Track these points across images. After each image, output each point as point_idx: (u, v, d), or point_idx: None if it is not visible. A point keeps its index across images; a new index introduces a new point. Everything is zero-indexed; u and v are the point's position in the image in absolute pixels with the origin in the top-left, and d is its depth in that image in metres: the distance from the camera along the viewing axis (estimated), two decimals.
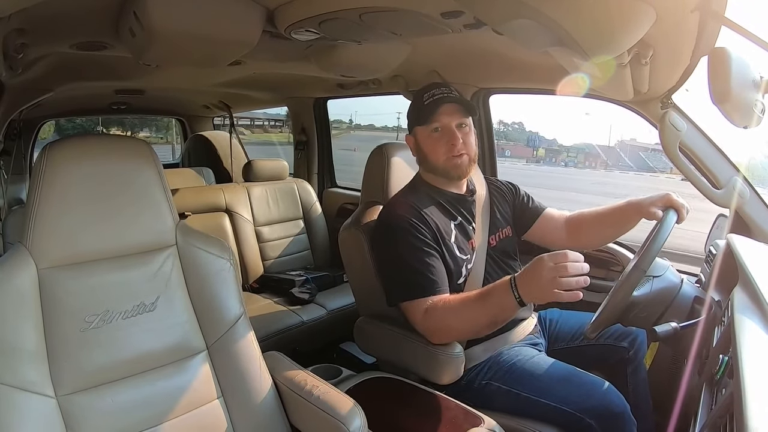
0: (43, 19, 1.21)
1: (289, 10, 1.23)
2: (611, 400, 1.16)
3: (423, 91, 1.35)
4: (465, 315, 1.17)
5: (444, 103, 1.30)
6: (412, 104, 1.39)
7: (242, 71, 2.08)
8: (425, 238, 1.26)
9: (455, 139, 1.30)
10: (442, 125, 1.31)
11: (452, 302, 1.19)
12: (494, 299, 1.11)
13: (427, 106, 1.31)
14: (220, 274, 1.10)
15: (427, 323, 1.21)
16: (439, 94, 1.32)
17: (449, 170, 1.33)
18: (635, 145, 13.13)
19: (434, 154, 1.33)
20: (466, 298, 1.18)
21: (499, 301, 1.10)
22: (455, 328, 1.19)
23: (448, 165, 1.32)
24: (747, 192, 1.35)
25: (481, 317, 1.15)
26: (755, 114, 0.95)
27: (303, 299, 2.17)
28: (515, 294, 1.06)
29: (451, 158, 1.31)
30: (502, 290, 1.09)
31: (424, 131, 1.34)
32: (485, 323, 1.17)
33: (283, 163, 2.74)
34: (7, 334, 0.84)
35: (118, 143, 1.06)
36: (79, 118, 4.84)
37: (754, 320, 0.78)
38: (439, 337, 1.21)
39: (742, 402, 0.58)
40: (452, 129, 1.31)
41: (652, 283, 1.13)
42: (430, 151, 1.33)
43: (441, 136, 1.31)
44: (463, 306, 1.17)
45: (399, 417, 1.17)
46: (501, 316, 1.15)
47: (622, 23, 0.91)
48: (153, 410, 0.97)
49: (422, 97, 1.34)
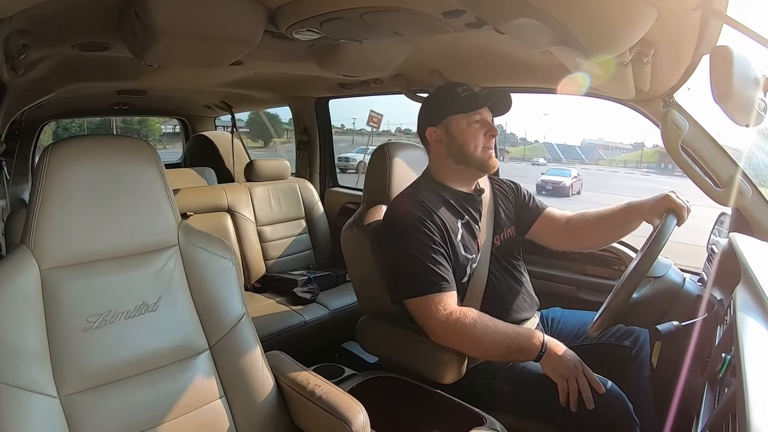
0: (45, 20, 1.21)
1: (290, 9, 1.23)
2: (614, 399, 1.16)
3: (454, 86, 1.38)
4: (488, 341, 1.19)
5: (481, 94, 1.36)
6: (443, 96, 1.40)
7: (244, 71, 2.08)
8: (433, 235, 1.26)
9: (495, 131, 1.36)
10: (482, 118, 1.34)
11: (482, 322, 1.20)
12: (521, 344, 1.19)
13: (466, 98, 1.34)
14: (223, 273, 1.10)
15: (444, 327, 1.20)
16: (473, 90, 1.37)
17: (485, 162, 1.35)
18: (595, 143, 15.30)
19: (473, 143, 1.34)
20: (498, 328, 1.21)
21: (523, 350, 1.19)
22: (471, 344, 1.20)
23: (485, 156, 1.35)
24: (749, 190, 1.35)
25: (498, 350, 1.21)
26: (757, 112, 0.95)
27: (305, 299, 2.18)
28: (541, 352, 1.17)
29: (487, 150, 1.35)
30: (532, 344, 1.18)
31: (463, 120, 1.34)
32: (497, 354, 1.23)
33: (284, 162, 2.74)
34: (9, 335, 0.84)
35: (120, 143, 1.06)
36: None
37: (756, 319, 0.78)
38: (448, 342, 1.21)
39: (745, 401, 0.58)
40: (489, 122, 1.35)
41: (654, 282, 1.13)
42: (469, 140, 1.34)
43: (480, 128, 1.34)
44: (493, 333, 1.19)
45: (401, 416, 1.17)
46: (513, 357, 1.23)
47: (623, 21, 0.91)
48: (155, 410, 0.97)
49: (455, 90, 1.36)
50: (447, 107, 1.37)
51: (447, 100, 1.37)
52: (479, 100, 1.34)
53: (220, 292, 1.09)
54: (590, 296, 1.79)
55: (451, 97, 1.36)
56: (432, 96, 1.45)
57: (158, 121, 12.38)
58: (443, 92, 1.40)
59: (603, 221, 1.43)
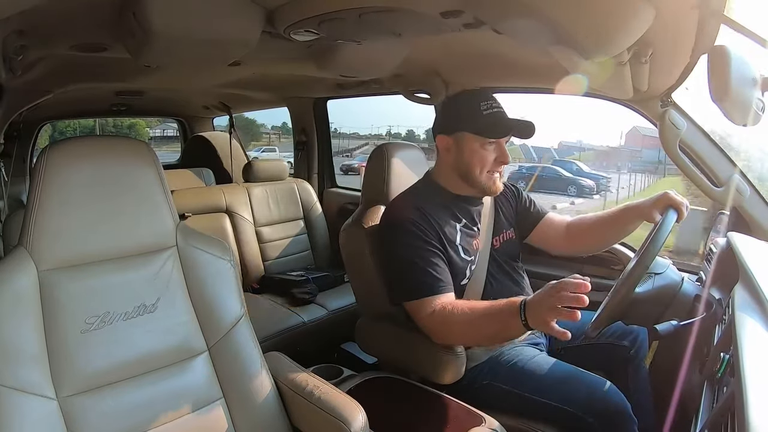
0: (43, 21, 1.21)
1: (288, 10, 1.23)
2: (612, 399, 1.16)
3: (477, 98, 1.32)
4: (470, 324, 1.16)
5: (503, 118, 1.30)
6: (464, 107, 1.34)
7: (242, 72, 2.07)
8: (429, 239, 1.26)
9: (507, 158, 1.31)
10: (498, 142, 1.31)
11: (460, 308, 1.18)
12: (502, 316, 1.10)
13: (486, 117, 1.28)
14: (221, 274, 1.10)
15: (432, 323, 1.21)
16: (497, 108, 1.31)
17: (489, 187, 1.33)
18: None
19: (480, 167, 1.30)
20: (475, 308, 1.17)
21: (506, 320, 1.09)
22: (458, 333, 1.19)
23: (490, 181, 1.32)
24: (747, 190, 1.35)
25: (485, 330, 1.15)
26: (755, 112, 0.95)
27: (304, 299, 2.17)
28: (522, 317, 1.05)
29: (492, 175, 1.32)
30: (511, 311, 1.07)
31: (477, 141, 1.29)
32: (488, 336, 1.17)
33: (283, 163, 2.74)
34: (7, 337, 0.84)
35: (118, 144, 1.06)
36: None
37: (754, 318, 0.78)
38: (442, 338, 1.21)
39: (743, 400, 0.58)
40: (504, 148, 1.31)
41: (653, 281, 1.13)
42: (477, 163, 1.30)
43: (493, 152, 1.30)
44: (471, 315, 1.16)
45: (400, 417, 1.17)
46: (505, 334, 1.15)
47: (621, 21, 0.91)
48: (154, 412, 0.97)
49: (478, 103, 1.30)
50: (464, 122, 1.31)
51: (466, 114, 1.31)
52: (499, 128, 1.29)
53: (219, 293, 1.09)
54: (589, 296, 1.78)
55: (472, 112, 1.30)
56: (452, 101, 1.40)
57: (147, 125, 12.44)
58: (464, 102, 1.34)
59: (602, 224, 1.44)
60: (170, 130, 12.69)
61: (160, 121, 12.18)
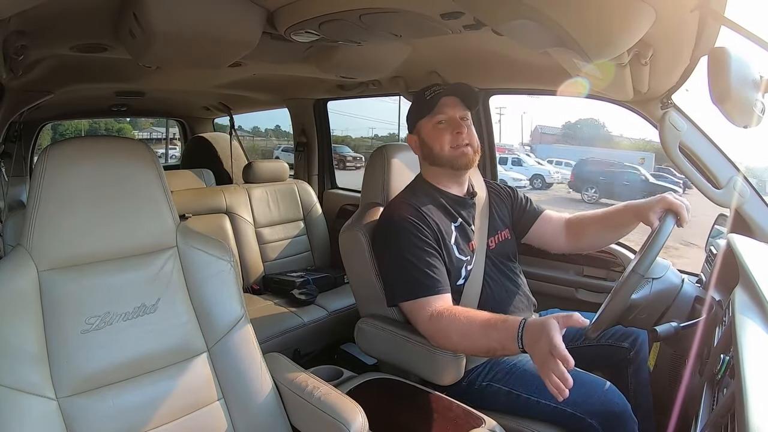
0: (43, 22, 1.21)
1: (288, 11, 1.23)
2: (612, 400, 1.16)
3: (423, 90, 1.38)
4: (466, 336, 1.14)
5: (446, 95, 1.34)
6: (414, 103, 1.42)
7: (242, 73, 2.08)
8: (426, 239, 1.26)
9: (461, 127, 1.33)
10: (447, 117, 1.34)
11: (458, 316, 1.16)
12: (499, 335, 1.07)
13: (430, 100, 1.34)
14: (221, 275, 1.10)
15: (430, 327, 1.20)
16: (440, 89, 1.35)
17: (456, 159, 1.34)
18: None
19: (439, 144, 1.34)
20: (474, 320, 1.14)
21: (502, 340, 1.07)
22: (455, 342, 1.17)
23: (455, 154, 1.33)
24: (747, 191, 1.35)
25: (480, 344, 1.12)
26: (755, 113, 0.95)
27: (303, 300, 2.17)
28: (519, 344, 1.03)
29: (456, 147, 1.33)
30: (509, 333, 1.05)
31: (428, 123, 1.36)
32: (482, 350, 1.14)
33: (283, 164, 2.74)
34: (7, 337, 0.84)
35: (118, 145, 1.06)
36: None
37: (755, 320, 0.78)
38: (439, 342, 1.21)
39: (744, 401, 0.58)
40: (456, 119, 1.34)
41: (653, 283, 1.13)
42: (435, 141, 1.34)
43: (446, 127, 1.34)
44: (469, 326, 1.14)
45: (400, 418, 1.17)
46: (499, 351, 1.11)
47: (621, 23, 0.91)
48: (154, 412, 0.97)
49: (423, 94, 1.37)
50: (416, 114, 1.40)
51: (416, 107, 1.40)
52: (438, 98, 1.34)
53: (219, 294, 1.09)
54: (588, 297, 1.79)
55: (419, 103, 1.38)
56: (411, 105, 1.46)
57: (134, 127, 12.63)
58: (416, 99, 1.41)
59: (601, 222, 1.44)
60: (156, 133, 12.88)
61: (153, 123, 12.33)
